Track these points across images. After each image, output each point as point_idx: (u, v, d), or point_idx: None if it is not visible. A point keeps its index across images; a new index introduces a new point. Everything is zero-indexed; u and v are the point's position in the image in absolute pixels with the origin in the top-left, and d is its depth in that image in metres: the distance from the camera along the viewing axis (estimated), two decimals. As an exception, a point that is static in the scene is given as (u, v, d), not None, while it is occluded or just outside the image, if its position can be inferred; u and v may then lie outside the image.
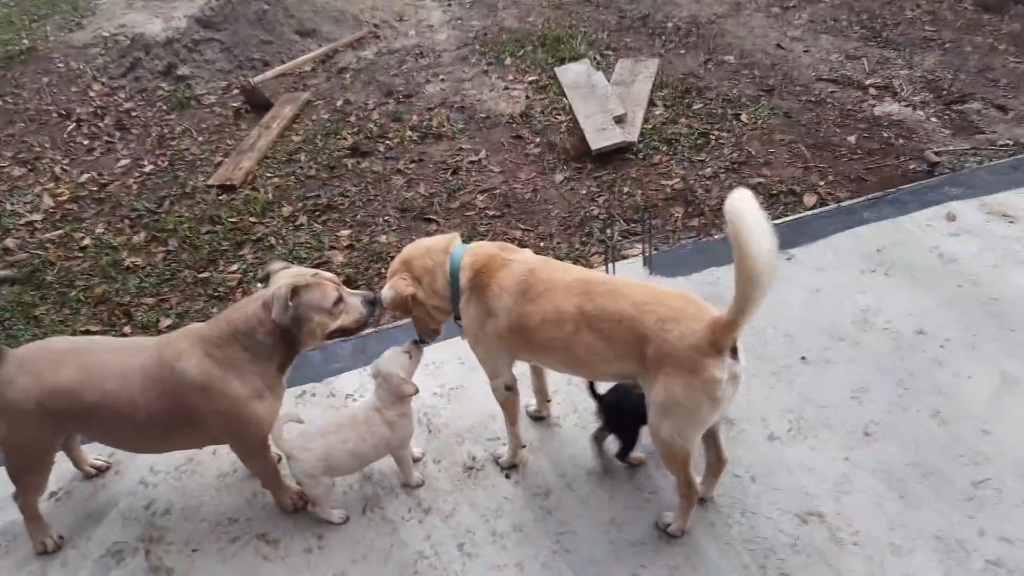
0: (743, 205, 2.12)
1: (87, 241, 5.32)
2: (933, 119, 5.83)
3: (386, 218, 5.23)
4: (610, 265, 4.20)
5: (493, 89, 6.74)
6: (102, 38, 7.73)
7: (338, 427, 2.94)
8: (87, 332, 4.44)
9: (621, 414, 2.99)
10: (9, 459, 2.86)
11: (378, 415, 2.92)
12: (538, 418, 3.37)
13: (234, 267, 4.90)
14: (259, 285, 4.70)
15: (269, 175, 5.83)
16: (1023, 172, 4.93)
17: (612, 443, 3.10)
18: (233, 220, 5.33)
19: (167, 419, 2.73)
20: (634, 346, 2.50)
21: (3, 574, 2.95)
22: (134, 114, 7.12)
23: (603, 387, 3.05)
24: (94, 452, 3.34)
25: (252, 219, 5.35)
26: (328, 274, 2.87)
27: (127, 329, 4.45)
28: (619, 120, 5.75)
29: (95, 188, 5.96)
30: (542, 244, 4.83)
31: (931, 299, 3.89)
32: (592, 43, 7.32)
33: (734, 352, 2.43)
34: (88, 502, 3.23)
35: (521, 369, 3.07)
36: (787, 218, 4.70)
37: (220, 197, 5.65)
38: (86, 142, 6.67)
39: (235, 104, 6.96)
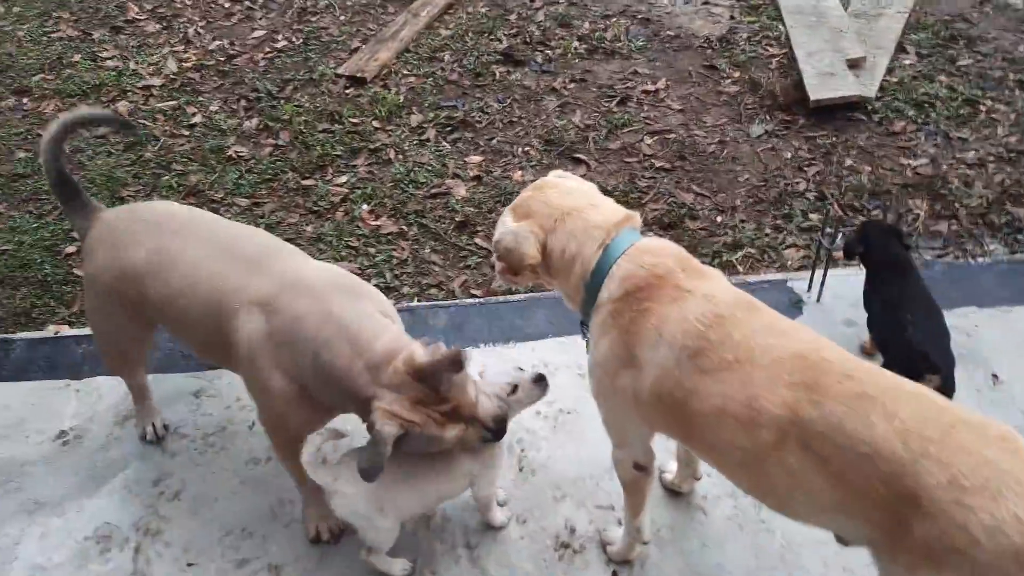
0: None
1: (198, 118, 4.74)
2: None
3: (527, 149, 4.23)
4: (817, 274, 3.01)
5: (690, 2, 5.38)
6: None
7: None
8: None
9: None
10: (95, 334, 2.57)
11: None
12: (675, 492, 2.38)
13: (343, 179, 4.14)
14: (364, 207, 3.91)
15: (405, 72, 4.95)
16: None
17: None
18: (354, 121, 4.54)
19: (219, 354, 2.24)
20: (885, 505, 1.45)
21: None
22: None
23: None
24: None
25: (375, 123, 4.54)
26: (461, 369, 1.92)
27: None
28: (853, 65, 4.32)
29: (222, 59, 5.35)
30: (719, 219, 3.66)
31: None
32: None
33: None
34: (97, 455, 2.64)
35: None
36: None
37: (347, 90, 4.86)
38: (227, 5, 6.07)
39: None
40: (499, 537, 2.32)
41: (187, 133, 4.59)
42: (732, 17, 5.15)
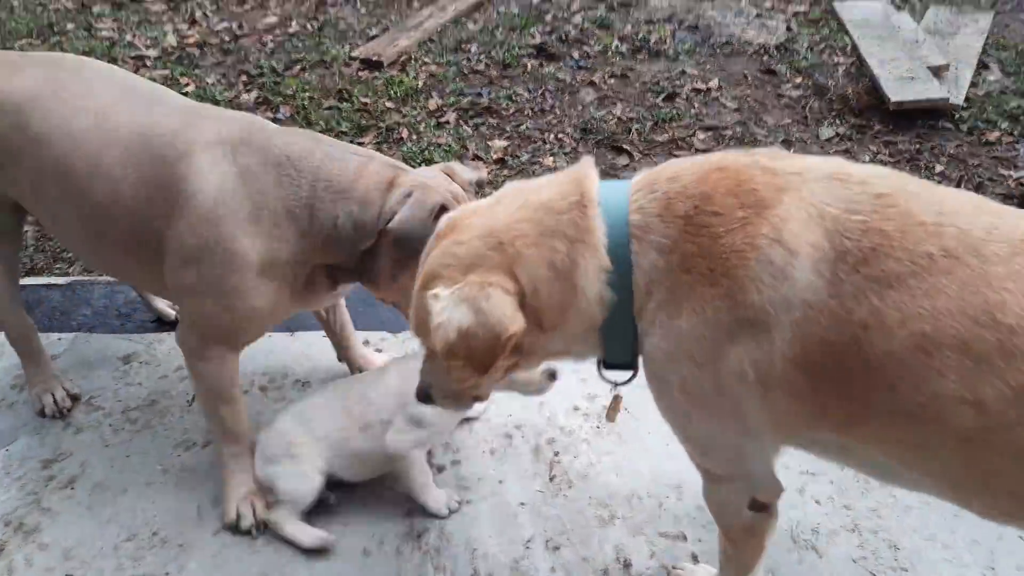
0: None
1: (190, 88, 4.22)
2: None
3: (560, 136, 3.67)
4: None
5: (741, 14, 4.95)
6: None
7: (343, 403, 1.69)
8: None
9: None
10: None
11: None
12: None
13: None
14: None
15: (427, 61, 4.46)
16: None
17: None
18: (365, 100, 4.01)
19: (134, 219, 1.60)
20: None
21: None
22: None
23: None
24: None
25: (389, 104, 4.00)
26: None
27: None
28: (936, 72, 3.80)
29: (227, 39, 4.91)
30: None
31: None
32: (889, -14, 5.30)
33: None
34: (-20, 424, 1.94)
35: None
36: None
37: (360, 73, 4.36)
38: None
39: None
40: (520, 566, 1.61)
41: (175, 101, 4.06)
42: (789, 28, 4.70)
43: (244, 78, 4.37)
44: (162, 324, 2.30)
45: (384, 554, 1.64)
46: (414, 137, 3.72)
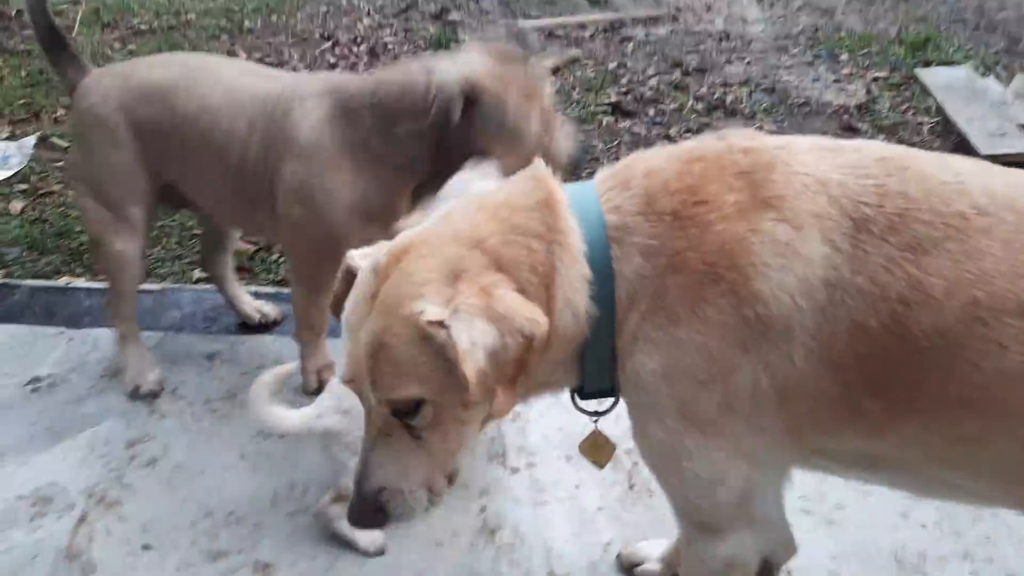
0: None
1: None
2: None
3: (637, 181, 3.69)
4: None
5: (819, 79, 4.98)
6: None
7: None
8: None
9: None
10: (84, 207, 2.07)
11: None
12: None
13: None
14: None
15: (505, 116, 4.59)
16: None
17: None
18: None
19: (258, 172, 1.86)
20: None
21: None
22: (390, 47, 6.44)
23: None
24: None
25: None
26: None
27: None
28: (1025, 129, 3.72)
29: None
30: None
31: None
32: (969, 56, 5.28)
33: None
34: (67, 407, 2.03)
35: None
36: None
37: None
38: (332, 60, 6.06)
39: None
40: (599, 569, 1.52)
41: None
42: (869, 91, 4.69)
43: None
44: (245, 328, 2.36)
45: (457, 547, 1.58)
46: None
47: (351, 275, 1.08)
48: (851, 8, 6.86)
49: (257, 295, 2.51)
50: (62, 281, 2.70)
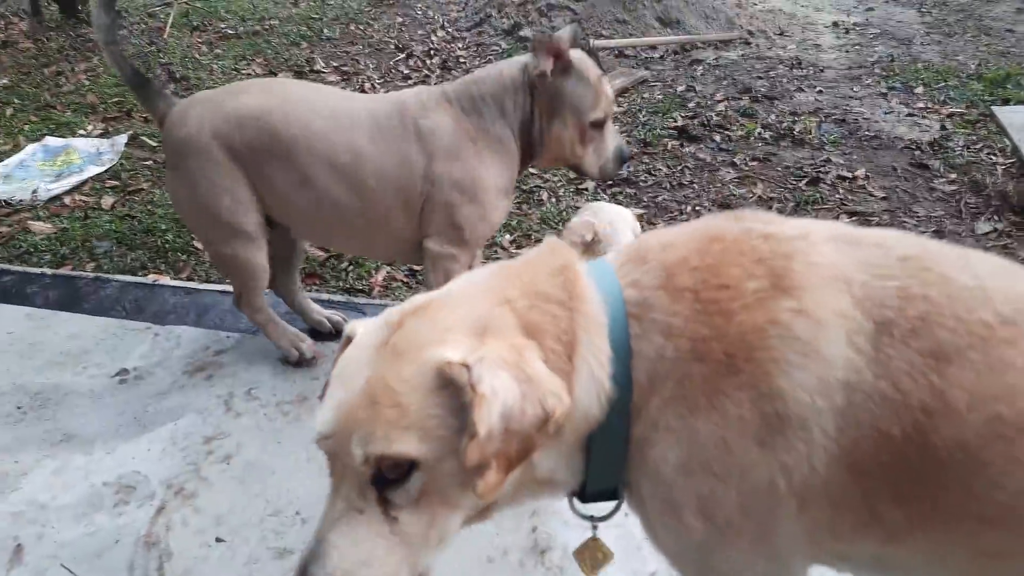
0: None
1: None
2: None
3: (698, 208, 3.72)
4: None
5: (891, 112, 4.91)
6: (464, -10, 7.47)
7: None
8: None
9: None
10: (200, 230, 2.22)
11: None
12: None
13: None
14: (506, 237, 3.52)
15: (571, 135, 4.66)
16: None
17: None
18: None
19: (400, 181, 2.02)
20: None
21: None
22: (462, 60, 6.60)
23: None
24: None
25: (531, 170, 4.20)
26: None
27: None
28: (1109, 176, 3.60)
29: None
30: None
31: None
32: (1053, 95, 5.12)
33: None
34: (152, 399, 2.17)
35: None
36: None
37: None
38: (406, 71, 6.25)
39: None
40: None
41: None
42: (943, 127, 4.60)
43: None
44: (316, 334, 2.48)
45: (508, 564, 1.65)
46: (553, 200, 3.88)
47: (350, 341, 1.02)
48: (930, 39, 6.72)
49: (328, 303, 2.64)
50: (149, 278, 2.87)
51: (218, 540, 1.71)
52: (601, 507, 1.08)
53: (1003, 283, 0.94)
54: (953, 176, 3.97)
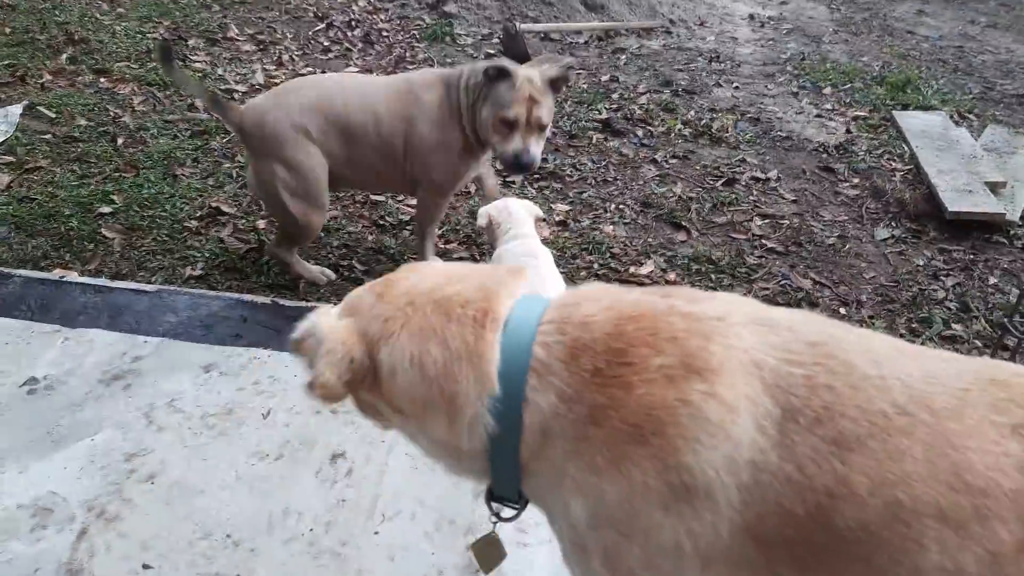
0: None
1: (273, 125, 4.44)
2: None
3: (621, 206, 3.81)
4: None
5: (802, 112, 5.14)
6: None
7: None
8: (217, 211, 3.43)
9: None
10: (288, 206, 2.75)
11: None
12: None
13: (414, 202, 3.73)
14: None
15: (497, 123, 4.66)
16: None
17: None
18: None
19: (403, 139, 2.76)
20: None
21: None
22: (384, 33, 6.43)
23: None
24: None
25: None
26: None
27: (260, 224, 3.39)
28: (993, 188, 3.91)
29: (310, 83, 5.17)
30: (842, 311, 3.13)
31: None
32: (946, 100, 5.49)
33: None
34: (65, 412, 2.08)
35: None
36: None
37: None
38: (326, 43, 6.03)
39: (489, 51, 6.00)
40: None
41: (259, 134, 4.30)
42: (848, 131, 4.86)
43: (324, 120, 4.62)
44: (239, 338, 2.42)
45: (443, 583, 1.69)
46: (480, 192, 3.89)
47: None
48: (838, 38, 7.04)
49: (252, 305, 2.57)
50: (55, 273, 2.71)
51: (145, 567, 1.67)
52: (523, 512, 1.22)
53: (902, 370, 1.00)
54: (856, 181, 4.22)
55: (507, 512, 1.21)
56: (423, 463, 2.01)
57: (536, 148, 2.66)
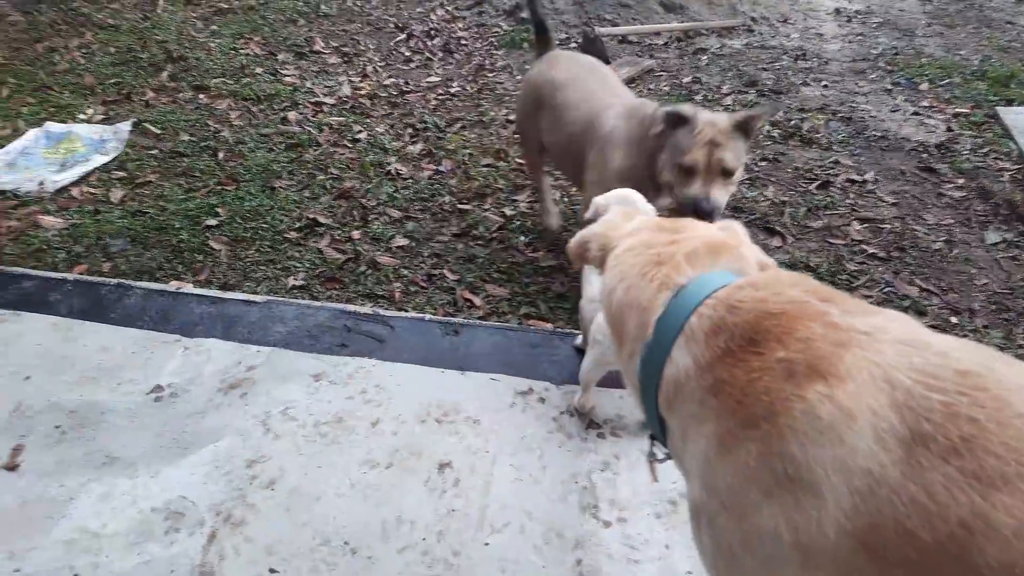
0: None
1: (363, 135, 4.58)
2: None
3: (713, 212, 3.73)
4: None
5: (897, 110, 4.93)
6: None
7: None
8: (314, 222, 3.55)
9: None
10: (519, 131, 3.53)
11: None
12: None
13: (508, 210, 3.76)
14: (521, 239, 3.53)
15: (580, 128, 4.65)
16: None
17: None
18: (520, 160, 4.22)
19: (583, 140, 2.91)
20: None
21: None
22: (464, 42, 6.51)
23: None
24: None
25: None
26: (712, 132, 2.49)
27: (355, 234, 3.49)
28: (1114, 187, 3.67)
29: (395, 93, 5.30)
30: (953, 320, 2.99)
31: None
32: (1056, 94, 5.16)
33: None
34: (190, 419, 2.18)
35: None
36: None
37: (516, 135, 4.60)
38: (407, 53, 6.15)
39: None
40: None
41: (350, 145, 4.42)
42: (949, 129, 4.63)
43: (410, 131, 4.70)
44: (344, 347, 2.49)
45: (557, 597, 1.70)
46: (566, 200, 3.89)
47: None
48: (932, 31, 6.73)
49: (355, 316, 2.63)
50: (172, 285, 2.85)
51: (272, 572, 1.74)
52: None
53: None
54: (961, 181, 4.02)
55: (660, 454, 1.36)
56: (527, 474, 2.03)
57: (719, 194, 2.47)
